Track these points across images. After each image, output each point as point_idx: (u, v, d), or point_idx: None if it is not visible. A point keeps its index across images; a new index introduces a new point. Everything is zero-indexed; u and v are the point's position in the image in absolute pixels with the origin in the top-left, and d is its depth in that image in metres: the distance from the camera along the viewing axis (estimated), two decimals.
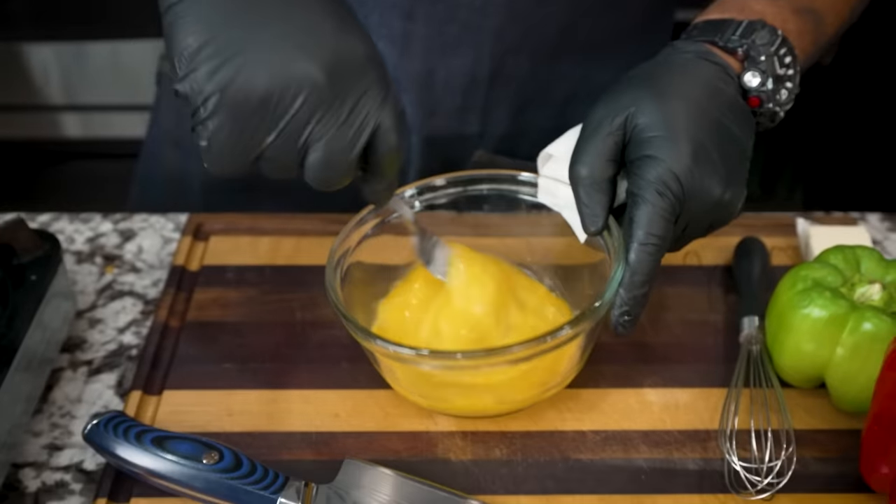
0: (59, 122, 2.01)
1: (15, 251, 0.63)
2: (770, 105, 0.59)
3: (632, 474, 0.54)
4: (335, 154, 0.49)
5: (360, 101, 0.49)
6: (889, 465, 0.50)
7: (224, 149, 0.48)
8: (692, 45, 0.59)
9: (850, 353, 0.54)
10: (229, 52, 0.47)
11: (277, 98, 0.47)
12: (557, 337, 0.52)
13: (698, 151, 0.53)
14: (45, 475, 0.58)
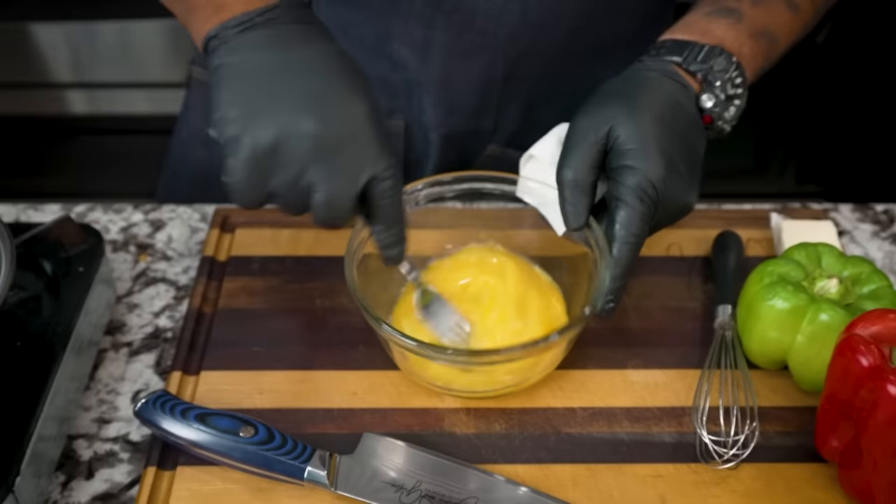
0: (67, 98, 2.05)
1: (64, 245, 0.70)
2: (719, 122, 0.67)
3: (615, 446, 0.61)
4: (333, 198, 0.57)
5: (355, 154, 0.57)
6: (838, 438, 0.57)
7: (240, 185, 0.57)
8: (659, 63, 0.67)
9: (808, 340, 0.61)
10: (248, 112, 0.56)
11: (281, 148, 0.55)
12: (549, 342, 0.59)
13: (669, 163, 0.61)
14: (97, 445, 0.66)
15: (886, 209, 0.88)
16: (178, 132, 0.99)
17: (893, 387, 0.51)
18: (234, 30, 0.58)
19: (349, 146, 0.56)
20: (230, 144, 0.56)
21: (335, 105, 0.57)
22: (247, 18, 0.58)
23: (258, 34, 0.58)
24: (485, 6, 0.76)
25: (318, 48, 0.59)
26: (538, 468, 0.60)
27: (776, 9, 0.72)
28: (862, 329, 0.55)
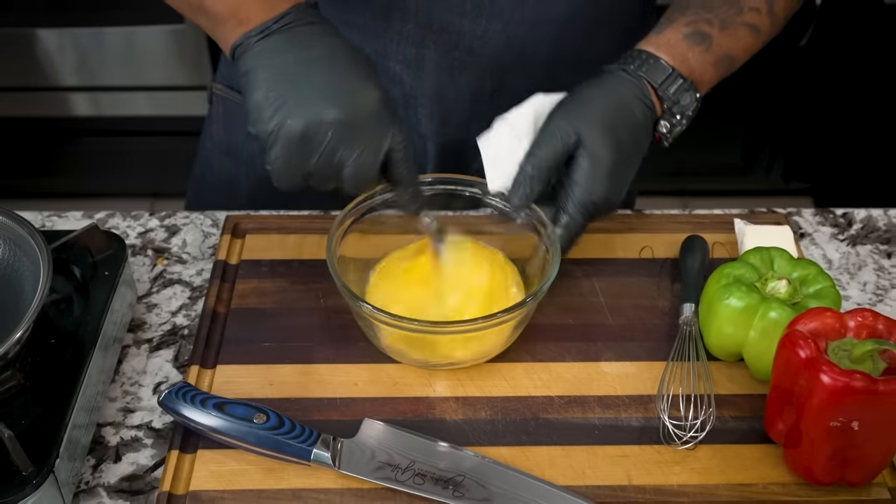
0: (71, 101, 2.10)
1: (91, 251, 0.77)
2: (663, 142, 0.77)
3: (587, 430, 0.69)
4: (361, 169, 0.66)
5: (374, 133, 0.66)
6: (783, 422, 0.65)
7: (282, 171, 0.66)
8: (638, 81, 0.74)
9: (760, 335, 0.68)
10: (279, 107, 0.65)
11: (312, 134, 0.64)
12: (499, 317, 0.68)
13: (616, 184, 0.71)
14: (123, 432, 0.73)
15: (845, 213, 0.95)
16: (203, 143, 1.07)
17: (825, 376, 0.58)
18: (256, 38, 0.67)
19: (368, 126, 0.65)
20: (268, 138, 0.65)
21: (352, 93, 0.65)
22: (265, 27, 0.67)
23: (277, 38, 0.67)
24: (470, 28, 0.83)
25: (331, 43, 0.68)
26: (519, 450, 0.67)
27: (740, 32, 0.80)
28: (802, 325, 0.62)
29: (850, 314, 0.62)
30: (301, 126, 0.64)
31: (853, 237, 0.92)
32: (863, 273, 0.88)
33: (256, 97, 0.66)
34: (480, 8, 0.82)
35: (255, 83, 0.66)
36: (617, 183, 0.73)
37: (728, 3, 0.80)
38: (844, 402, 0.58)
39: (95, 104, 2.12)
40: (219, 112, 1.02)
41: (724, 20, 0.79)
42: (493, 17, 0.82)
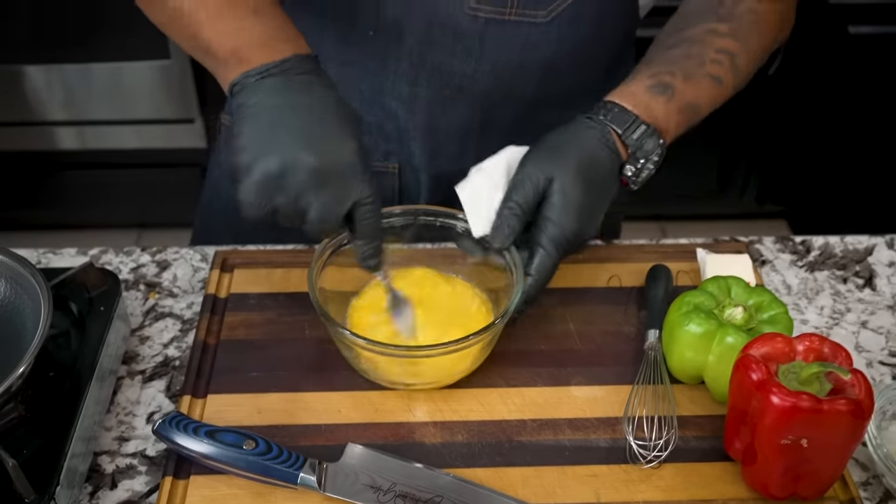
0: (57, 135, 2.13)
1: (87, 288, 0.81)
2: (631, 185, 0.82)
3: (558, 451, 0.73)
4: (325, 216, 0.70)
5: (343, 183, 0.70)
6: (740, 440, 0.69)
7: (250, 202, 0.70)
8: (602, 128, 0.80)
9: (717, 359, 0.73)
10: (259, 144, 0.70)
11: (285, 175, 0.69)
12: (466, 341, 0.72)
13: (585, 222, 0.76)
14: (118, 460, 0.76)
15: (803, 240, 1.00)
16: (211, 171, 1.11)
17: (775, 397, 0.63)
18: (254, 77, 0.71)
19: (339, 177, 0.70)
20: (244, 170, 0.69)
21: (330, 143, 0.70)
22: (265, 69, 0.71)
23: (272, 81, 0.71)
24: (461, 67, 0.89)
25: (319, 95, 0.72)
26: (494, 471, 0.71)
27: (703, 83, 0.85)
28: (754, 350, 0.67)
29: (799, 339, 0.67)
30: (277, 165, 0.68)
31: (811, 263, 0.97)
32: (820, 297, 0.93)
33: (242, 129, 0.70)
34: (470, 50, 0.87)
35: (245, 118, 0.70)
36: (587, 220, 0.78)
37: (689, 57, 0.85)
38: (793, 420, 0.63)
39: (81, 138, 2.16)
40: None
41: (686, 72, 0.84)
42: (483, 59, 0.88)
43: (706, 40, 0.86)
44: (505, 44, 0.87)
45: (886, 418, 0.76)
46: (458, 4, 0.85)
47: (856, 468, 0.76)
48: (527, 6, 0.85)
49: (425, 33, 0.87)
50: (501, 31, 0.86)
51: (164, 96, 2.09)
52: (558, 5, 0.85)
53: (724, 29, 0.87)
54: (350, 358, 0.77)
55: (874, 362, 0.86)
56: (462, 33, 0.87)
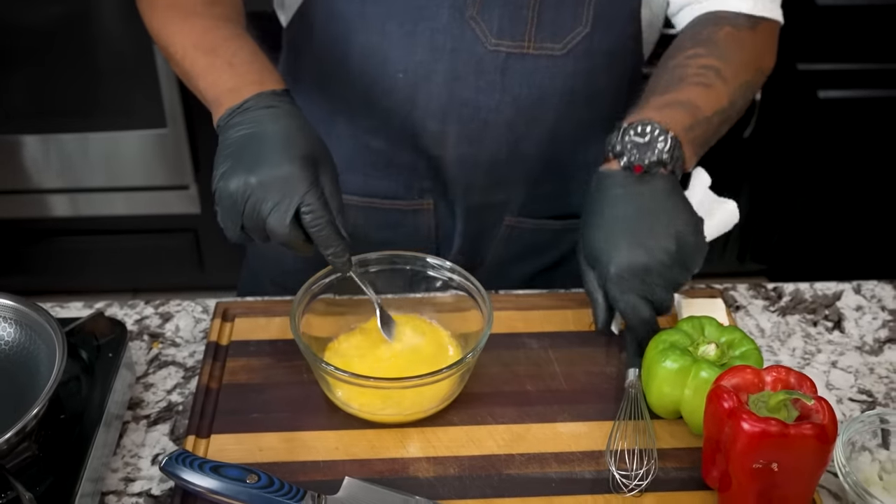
0: (49, 202, 2.18)
1: (96, 336, 0.85)
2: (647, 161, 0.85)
3: (545, 483, 0.77)
4: (275, 221, 0.78)
5: (282, 193, 0.78)
6: (716, 469, 0.73)
7: (223, 222, 0.80)
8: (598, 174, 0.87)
9: (693, 392, 0.78)
10: (224, 172, 0.79)
11: (238, 194, 0.78)
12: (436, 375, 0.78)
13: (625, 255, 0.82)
14: (124, 500, 0.80)
15: (775, 287, 1.05)
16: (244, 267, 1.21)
17: (745, 423, 0.67)
18: (226, 118, 0.82)
19: (278, 189, 0.77)
20: (215, 196, 0.80)
21: (266, 163, 0.78)
22: (231, 111, 0.82)
23: (237, 119, 0.81)
24: (486, 101, 0.96)
25: (275, 125, 0.81)
26: (484, 502, 0.75)
27: (686, 89, 0.91)
28: (726, 381, 0.71)
29: (767, 370, 0.72)
30: (231, 187, 0.78)
31: (783, 308, 1.02)
32: (792, 340, 0.98)
33: (217, 162, 0.80)
34: (494, 84, 0.95)
35: (219, 154, 0.81)
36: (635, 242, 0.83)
37: (672, 80, 0.91)
38: (763, 445, 0.67)
39: (74, 205, 2.20)
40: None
41: (664, 88, 0.90)
42: (505, 92, 0.95)
43: (687, 63, 0.92)
44: (525, 76, 0.94)
45: (856, 450, 0.81)
46: (481, 42, 0.93)
47: (829, 498, 0.80)
48: (544, 40, 0.93)
49: (451, 72, 0.94)
50: (521, 65, 0.94)
51: (160, 163, 2.14)
52: (573, 38, 0.93)
53: (703, 51, 0.93)
54: (327, 391, 0.83)
55: (844, 399, 0.91)
56: (485, 68, 0.94)
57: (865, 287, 1.06)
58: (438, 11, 0.93)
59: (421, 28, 0.93)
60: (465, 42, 0.93)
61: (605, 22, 0.95)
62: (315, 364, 0.80)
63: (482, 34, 0.93)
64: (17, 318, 0.80)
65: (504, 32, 0.93)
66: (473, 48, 0.94)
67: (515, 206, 1.05)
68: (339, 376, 0.78)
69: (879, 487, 0.78)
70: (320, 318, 0.87)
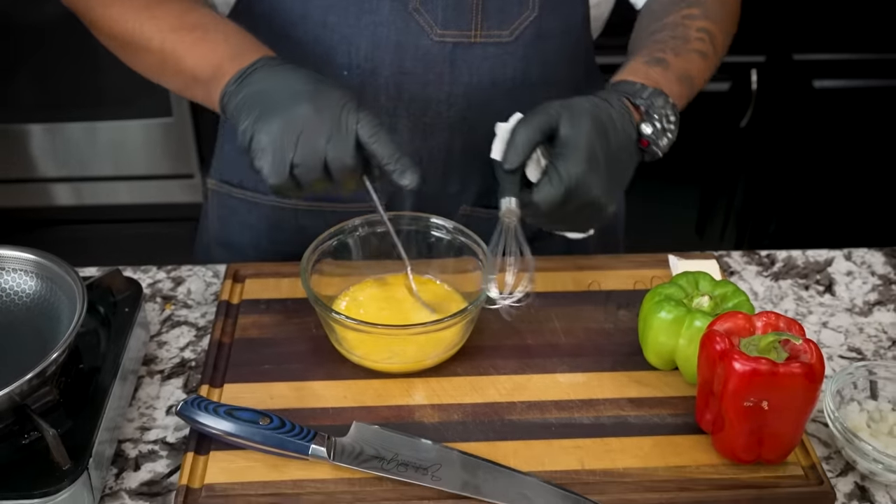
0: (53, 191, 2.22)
1: (112, 292, 0.89)
2: (654, 147, 0.86)
3: (546, 428, 0.80)
4: (338, 151, 0.76)
5: (340, 117, 0.77)
6: (710, 412, 0.76)
7: (271, 168, 0.77)
8: (612, 94, 0.85)
9: (687, 342, 0.81)
10: (259, 117, 0.77)
11: (288, 128, 0.76)
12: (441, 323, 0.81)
13: (592, 162, 0.79)
14: (141, 446, 0.83)
15: (769, 254, 1.09)
16: (200, 238, 1.18)
17: (737, 363, 0.71)
18: (234, 84, 0.80)
19: (333, 113, 0.76)
20: (253, 144, 0.77)
21: (316, 92, 0.77)
22: (241, 73, 0.80)
23: (250, 78, 0.80)
24: (436, 94, 0.95)
25: (295, 72, 0.80)
26: (487, 444, 0.78)
27: (691, 57, 0.93)
28: (718, 326, 0.75)
29: (757, 316, 0.75)
30: (278, 123, 0.75)
31: (776, 273, 1.05)
32: (784, 302, 1.01)
33: (241, 119, 0.78)
34: (442, 76, 0.94)
35: (240, 113, 0.78)
36: (597, 168, 0.79)
37: (675, 38, 0.93)
38: (753, 384, 0.70)
39: (78, 194, 2.23)
40: (214, 206, 1.13)
41: (675, 49, 0.92)
42: (455, 83, 0.94)
43: (685, 23, 0.94)
44: (475, 66, 0.93)
45: (845, 401, 0.84)
46: (427, 33, 0.91)
47: (819, 446, 0.83)
48: (490, 27, 0.91)
49: (398, 66, 0.93)
50: (470, 55, 0.92)
51: (165, 153, 2.18)
52: (521, 24, 0.92)
53: (697, 12, 0.95)
54: (335, 342, 0.86)
55: (834, 356, 0.94)
56: (432, 61, 0.92)
57: (856, 254, 1.09)
58: (380, 4, 0.91)
59: (364, 22, 0.91)
60: (410, 34, 0.91)
61: (552, 3, 0.93)
62: (324, 312, 0.83)
63: (427, 25, 0.91)
64: (37, 271, 0.83)
65: (449, 22, 0.91)
66: (419, 40, 0.92)
67: (471, 196, 1.03)
68: (347, 324, 0.82)
69: (867, 434, 0.81)
70: (327, 278, 0.90)
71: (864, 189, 2.19)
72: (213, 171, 1.12)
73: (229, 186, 1.08)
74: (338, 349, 0.86)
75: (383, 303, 0.89)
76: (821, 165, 2.15)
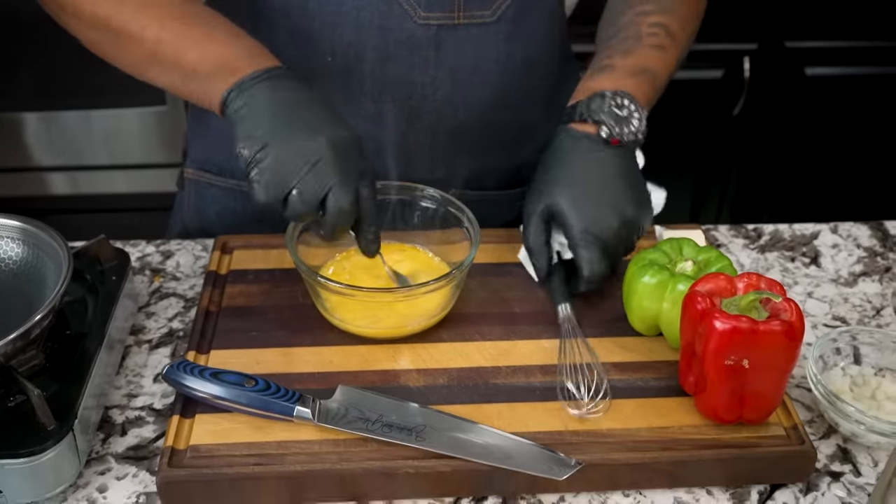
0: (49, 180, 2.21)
1: (100, 261, 0.89)
2: (626, 139, 0.89)
3: (530, 391, 0.80)
4: (343, 193, 0.77)
5: (353, 162, 0.78)
6: (692, 374, 0.77)
7: (269, 182, 0.76)
8: (564, 130, 0.90)
9: (671, 305, 0.81)
10: (270, 132, 0.77)
11: (302, 154, 0.76)
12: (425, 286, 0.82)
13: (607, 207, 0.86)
14: (128, 412, 0.83)
15: (755, 227, 1.09)
16: (171, 230, 1.17)
17: (717, 321, 0.71)
18: (250, 83, 0.79)
19: (349, 155, 0.77)
20: (259, 153, 0.76)
21: (336, 127, 0.78)
22: (256, 75, 0.79)
23: (268, 83, 0.79)
24: (421, 78, 0.95)
25: (312, 93, 0.81)
26: (472, 407, 0.79)
27: (645, 52, 0.95)
28: (700, 287, 0.75)
29: (739, 277, 0.75)
30: (293, 145, 0.76)
31: (762, 246, 1.06)
32: (770, 273, 1.02)
33: (249, 123, 0.77)
34: (427, 59, 0.94)
35: (247, 114, 0.77)
36: (606, 205, 0.86)
37: (626, 39, 0.95)
38: (734, 341, 0.71)
39: (73, 183, 2.23)
40: (190, 194, 1.12)
41: (626, 50, 0.94)
42: (440, 66, 0.95)
43: (637, 20, 0.96)
44: (459, 48, 0.94)
45: (828, 367, 0.85)
46: (410, 17, 0.91)
47: (802, 410, 0.84)
48: (472, 8, 0.92)
49: (382, 50, 0.93)
50: (454, 36, 0.93)
51: (160, 141, 2.18)
52: (502, 3, 0.93)
53: (650, 8, 0.97)
54: (321, 308, 0.86)
55: (819, 325, 0.95)
56: (417, 44, 0.92)
57: (842, 227, 1.10)
58: None
59: (346, 7, 0.91)
60: (393, 18, 0.91)
61: None
62: (309, 277, 0.83)
63: (410, 8, 0.91)
64: (23, 237, 0.84)
65: (433, 5, 0.91)
66: (403, 24, 0.91)
67: (461, 180, 1.03)
68: (333, 288, 0.82)
69: (850, 397, 0.82)
70: (313, 249, 0.90)
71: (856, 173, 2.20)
72: (190, 161, 1.11)
73: (210, 175, 1.08)
74: (324, 315, 0.86)
75: (369, 270, 0.89)
76: (814, 153, 2.16)
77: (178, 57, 0.82)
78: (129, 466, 0.78)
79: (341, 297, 0.84)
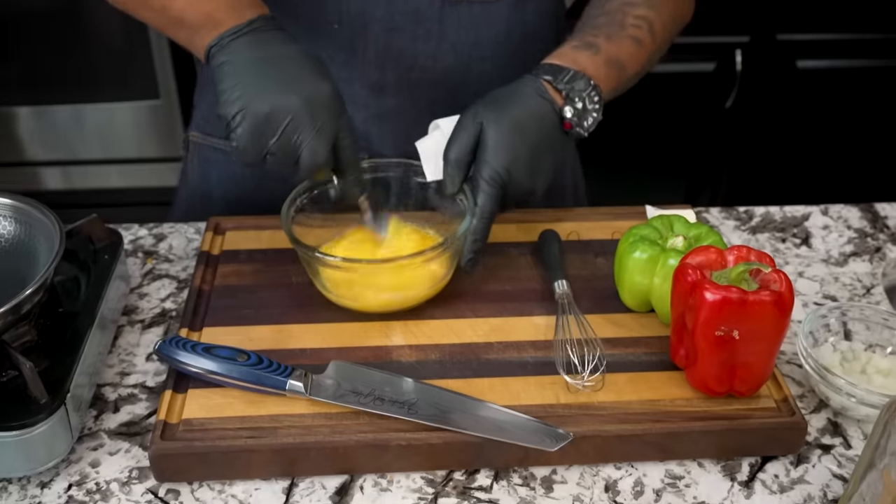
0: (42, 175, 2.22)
1: (92, 240, 0.89)
2: (578, 129, 0.90)
3: (522, 365, 0.80)
4: (315, 150, 0.79)
5: (327, 118, 0.79)
6: (683, 348, 0.77)
7: (246, 147, 0.78)
8: (535, 81, 0.89)
9: (662, 280, 0.82)
10: (247, 92, 0.78)
11: (274, 116, 0.77)
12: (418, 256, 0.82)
13: (516, 159, 0.85)
14: (120, 390, 0.83)
15: (746, 209, 1.10)
16: (179, 194, 1.19)
17: (707, 292, 0.71)
18: (229, 38, 0.80)
19: (322, 112, 0.78)
20: (236, 117, 0.77)
21: (310, 84, 0.79)
22: (237, 29, 0.80)
23: (247, 38, 0.80)
24: (423, 49, 0.98)
25: (290, 48, 0.81)
26: (464, 381, 0.79)
27: (624, 43, 0.96)
28: (690, 259, 0.75)
29: (729, 250, 0.76)
30: (266, 109, 0.77)
31: (753, 228, 1.06)
32: None
33: (228, 84, 0.78)
34: (431, 32, 0.97)
35: (227, 73, 0.79)
36: (524, 162, 0.85)
37: (611, 24, 0.96)
38: (724, 312, 0.71)
39: (67, 177, 2.23)
40: (194, 159, 1.14)
41: (608, 34, 0.95)
42: (443, 40, 0.97)
43: (624, 10, 0.97)
44: (462, 24, 0.96)
45: (819, 343, 0.85)
46: None
47: (792, 385, 0.84)
48: None
49: (387, 21, 0.95)
50: (457, 12, 0.96)
51: (153, 135, 2.18)
52: None
53: (638, 0, 0.98)
54: (315, 281, 0.86)
55: (809, 303, 0.95)
56: (422, 17, 0.96)
57: (833, 209, 1.10)
58: None
59: None
60: None
61: None
62: (305, 252, 0.83)
63: None
64: (15, 215, 0.84)
65: None
66: None
67: None
68: (327, 262, 0.82)
69: (840, 371, 0.82)
70: (307, 230, 0.90)
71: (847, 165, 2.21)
72: (195, 124, 1.13)
73: (213, 139, 1.09)
74: (320, 290, 0.86)
75: (365, 244, 0.89)
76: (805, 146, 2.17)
77: (165, 4, 0.83)
78: (122, 442, 0.78)
79: (333, 270, 0.84)
